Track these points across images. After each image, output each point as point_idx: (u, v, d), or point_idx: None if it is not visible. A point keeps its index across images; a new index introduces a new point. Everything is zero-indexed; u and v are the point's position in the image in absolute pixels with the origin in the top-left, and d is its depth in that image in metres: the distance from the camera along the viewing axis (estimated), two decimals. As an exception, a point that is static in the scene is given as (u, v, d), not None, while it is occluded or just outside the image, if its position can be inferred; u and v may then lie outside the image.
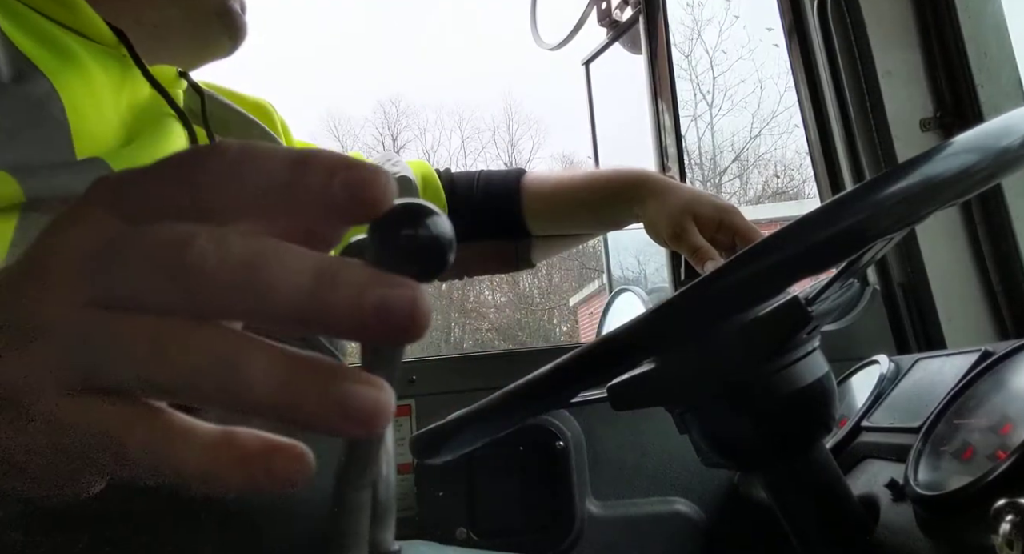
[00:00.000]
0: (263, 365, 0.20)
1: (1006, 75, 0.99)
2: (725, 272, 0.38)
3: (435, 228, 0.21)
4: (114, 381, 0.21)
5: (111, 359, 0.21)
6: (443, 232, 0.21)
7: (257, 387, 0.20)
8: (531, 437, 1.00)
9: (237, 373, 0.20)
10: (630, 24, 1.42)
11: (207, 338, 0.21)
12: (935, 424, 0.59)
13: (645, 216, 0.88)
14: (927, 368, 0.74)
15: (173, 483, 0.22)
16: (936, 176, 0.36)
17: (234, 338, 0.21)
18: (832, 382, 0.56)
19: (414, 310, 0.20)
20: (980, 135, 0.38)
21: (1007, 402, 0.54)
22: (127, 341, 0.21)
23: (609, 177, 0.93)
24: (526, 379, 0.48)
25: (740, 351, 0.52)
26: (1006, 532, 0.40)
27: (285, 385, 0.20)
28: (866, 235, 0.36)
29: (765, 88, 12.49)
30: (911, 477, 0.55)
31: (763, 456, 0.58)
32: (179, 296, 0.20)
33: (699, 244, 0.81)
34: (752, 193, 12.48)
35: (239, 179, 0.21)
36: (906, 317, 1.07)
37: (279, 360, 0.20)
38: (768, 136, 12.50)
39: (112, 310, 0.21)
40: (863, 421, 0.74)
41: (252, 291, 0.20)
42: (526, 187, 0.95)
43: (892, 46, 1.05)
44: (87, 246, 0.22)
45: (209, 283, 0.20)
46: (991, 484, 0.46)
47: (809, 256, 0.36)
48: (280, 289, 0.20)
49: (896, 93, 1.05)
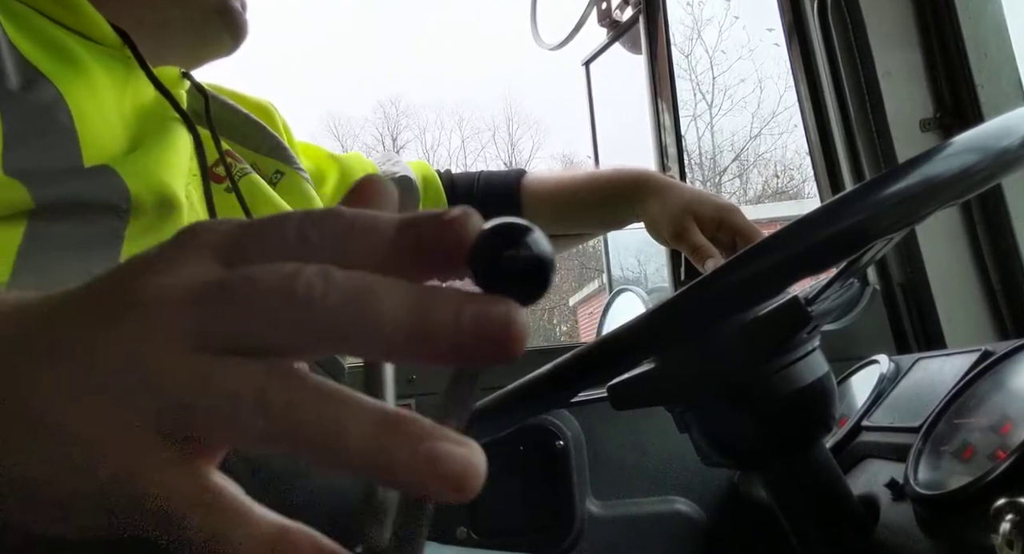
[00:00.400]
0: (360, 422, 0.20)
1: (1006, 75, 0.99)
2: (725, 272, 0.38)
3: (536, 247, 0.20)
4: (205, 431, 0.21)
5: (210, 408, 0.20)
6: (544, 251, 0.20)
7: (352, 444, 0.20)
8: (531, 437, 1.00)
9: (335, 430, 0.20)
10: (630, 24, 1.42)
11: (312, 391, 0.20)
12: (935, 424, 0.59)
13: (646, 215, 0.88)
14: (927, 368, 0.74)
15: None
16: (936, 176, 0.36)
17: (337, 392, 0.21)
18: (832, 382, 0.56)
19: (511, 326, 0.20)
20: (980, 135, 0.38)
21: (1007, 402, 0.54)
22: (232, 390, 0.20)
23: (609, 177, 0.93)
24: (526, 379, 0.48)
25: (740, 351, 0.52)
26: (1006, 532, 0.40)
27: (379, 444, 0.20)
28: (866, 235, 0.37)
29: (765, 88, 12.50)
30: (911, 477, 0.55)
31: (763, 456, 0.58)
32: (289, 331, 0.20)
33: (700, 243, 0.81)
34: (752, 193, 12.49)
35: (353, 241, 0.22)
36: (906, 317, 1.07)
37: (375, 417, 0.20)
38: (768, 136, 12.51)
39: (219, 355, 0.21)
40: (863, 421, 0.74)
41: (359, 321, 0.20)
42: (526, 188, 0.95)
43: (892, 46, 1.05)
44: (192, 289, 0.21)
45: (318, 314, 0.20)
46: (991, 484, 0.46)
47: (809, 256, 0.36)
48: (385, 317, 0.20)
49: (896, 93, 1.05)
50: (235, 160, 0.73)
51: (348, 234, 0.22)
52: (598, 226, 1.03)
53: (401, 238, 0.22)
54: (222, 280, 0.21)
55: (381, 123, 16.74)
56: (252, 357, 0.21)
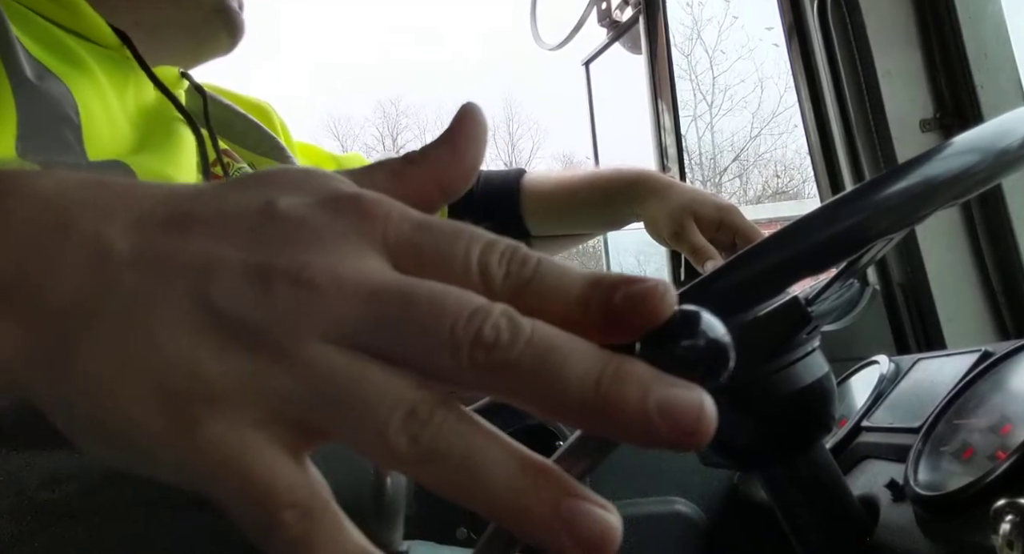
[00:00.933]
0: (505, 466, 0.19)
1: (1006, 75, 0.99)
2: (725, 272, 0.38)
3: (712, 332, 0.20)
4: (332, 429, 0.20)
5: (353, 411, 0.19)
6: (720, 336, 0.20)
7: (492, 485, 0.19)
8: (531, 437, 1.00)
9: (477, 466, 0.19)
10: (630, 24, 1.42)
11: (465, 422, 0.20)
12: (935, 424, 0.59)
13: (645, 215, 0.88)
14: (927, 368, 0.74)
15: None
16: (936, 176, 0.36)
17: (485, 429, 0.20)
18: (832, 382, 0.56)
19: (701, 413, 0.19)
20: (980, 136, 0.38)
21: (1007, 402, 0.54)
22: (387, 397, 0.19)
23: (609, 177, 0.93)
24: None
25: (740, 351, 0.52)
26: (1006, 532, 0.40)
27: (521, 491, 0.19)
28: (866, 235, 0.36)
29: (765, 88, 12.49)
30: (911, 477, 0.55)
31: (763, 456, 0.58)
32: (458, 365, 0.19)
33: (699, 244, 0.81)
34: (752, 193, 12.49)
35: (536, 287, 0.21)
36: (906, 317, 1.07)
37: (521, 463, 0.20)
38: (768, 136, 12.49)
39: (375, 359, 0.20)
40: (863, 421, 0.74)
41: (540, 381, 0.19)
42: (526, 187, 0.95)
43: (892, 46, 1.05)
44: (366, 286, 0.20)
45: (498, 362, 0.19)
46: (991, 484, 0.46)
47: (809, 256, 0.36)
48: (570, 384, 0.19)
49: (896, 93, 1.05)
50: (233, 160, 0.73)
51: (533, 278, 0.21)
52: (598, 226, 1.03)
53: (590, 297, 0.20)
54: (404, 291, 0.20)
55: (381, 123, 16.75)
56: (410, 370, 0.20)
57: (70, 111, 0.55)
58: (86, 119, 0.56)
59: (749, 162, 12.49)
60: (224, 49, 0.73)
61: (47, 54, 0.56)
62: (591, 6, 1.48)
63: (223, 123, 0.75)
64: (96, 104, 0.58)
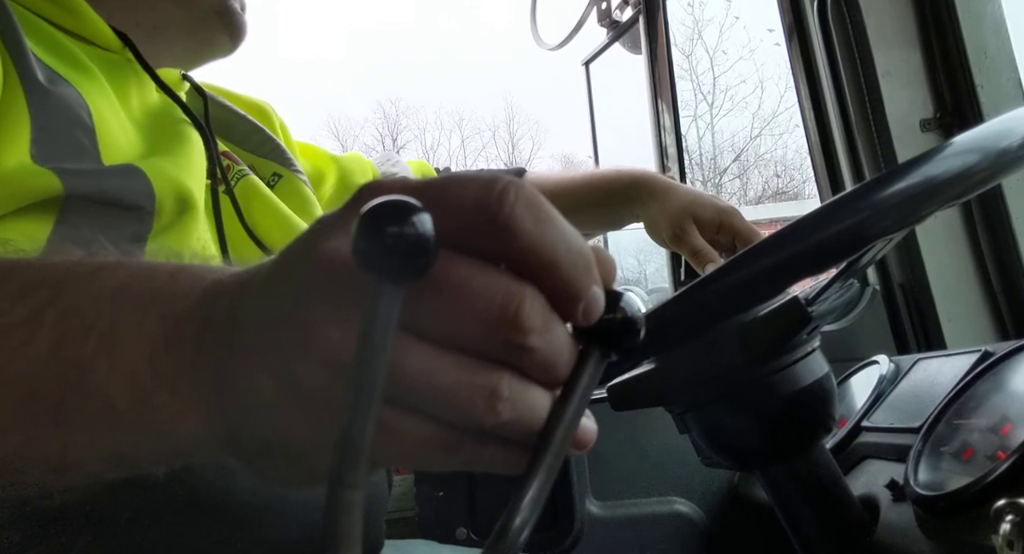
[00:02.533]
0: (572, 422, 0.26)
1: (1006, 75, 0.99)
2: (725, 272, 0.38)
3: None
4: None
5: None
6: (634, 312, 0.26)
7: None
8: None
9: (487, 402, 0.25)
10: (630, 24, 1.42)
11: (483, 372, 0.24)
12: (935, 424, 0.59)
13: (645, 217, 0.88)
14: (927, 368, 0.74)
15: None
16: (936, 177, 0.36)
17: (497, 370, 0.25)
18: (832, 382, 0.56)
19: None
20: (980, 136, 0.38)
21: (1007, 402, 0.54)
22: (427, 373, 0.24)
23: (609, 178, 0.93)
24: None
25: (740, 351, 0.52)
26: (1006, 532, 0.40)
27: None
28: (866, 235, 0.36)
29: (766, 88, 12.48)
30: (911, 477, 0.55)
31: (763, 456, 0.58)
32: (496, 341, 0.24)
33: (699, 246, 0.81)
34: (752, 193, 12.48)
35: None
36: (906, 317, 1.07)
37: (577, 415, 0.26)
38: (768, 136, 12.49)
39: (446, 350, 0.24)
40: (863, 421, 0.74)
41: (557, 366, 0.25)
42: (526, 187, 0.95)
43: (892, 46, 1.05)
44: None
45: (529, 343, 0.24)
46: (991, 484, 0.46)
47: (809, 256, 0.36)
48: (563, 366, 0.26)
49: (896, 93, 1.05)
50: (233, 161, 0.73)
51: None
52: (598, 226, 1.03)
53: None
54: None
55: (381, 123, 16.76)
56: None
57: (84, 115, 0.55)
58: (99, 123, 0.56)
59: (749, 162, 12.49)
60: (225, 50, 0.73)
61: (55, 59, 0.56)
62: (591, 6, 1.48)
63: (224, 125, 0.75)
64: (106, 108, 0.58)
